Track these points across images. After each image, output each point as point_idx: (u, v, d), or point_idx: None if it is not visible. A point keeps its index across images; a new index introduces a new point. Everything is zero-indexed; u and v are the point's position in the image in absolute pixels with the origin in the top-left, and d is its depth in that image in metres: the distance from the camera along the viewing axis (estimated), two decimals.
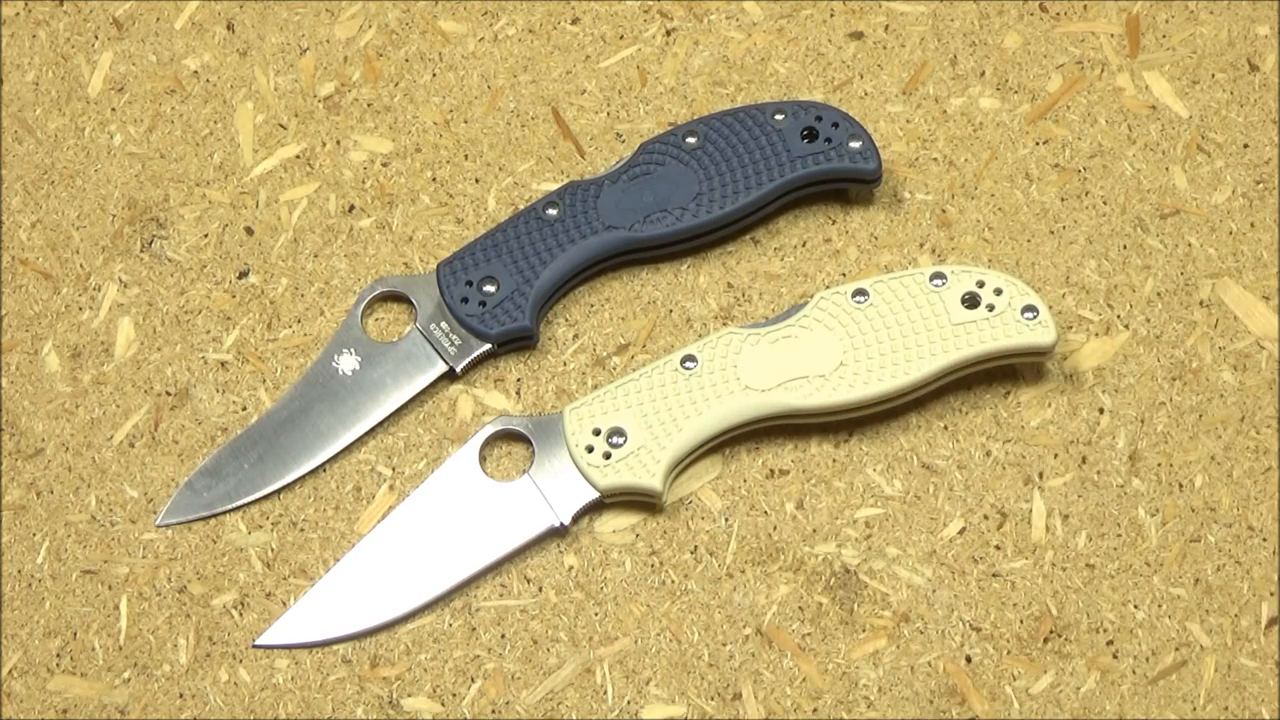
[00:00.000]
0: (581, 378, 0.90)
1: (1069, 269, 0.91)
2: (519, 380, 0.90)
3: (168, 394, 0.90)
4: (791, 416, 0.87)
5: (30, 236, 0.94)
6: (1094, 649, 0.84)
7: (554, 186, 0.94)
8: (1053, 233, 0.92)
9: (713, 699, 0.83)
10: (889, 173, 0.94)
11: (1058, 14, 0.98)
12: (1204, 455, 0.87)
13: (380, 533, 0.86)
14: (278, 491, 0.88)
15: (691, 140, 0.92)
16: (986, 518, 0.86)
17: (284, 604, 0.85)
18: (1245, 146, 0.94)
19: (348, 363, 0.90)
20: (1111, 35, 0.97)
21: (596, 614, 0.85)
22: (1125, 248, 0.92)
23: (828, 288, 0.90)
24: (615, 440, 0.86)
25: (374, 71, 0.98)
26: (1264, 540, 0.85)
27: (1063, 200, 0.93)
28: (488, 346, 0.90)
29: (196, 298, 0.92)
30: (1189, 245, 0.92)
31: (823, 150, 0.92)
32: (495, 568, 0.86)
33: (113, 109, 0.98)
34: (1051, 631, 0.84)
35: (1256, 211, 0.93)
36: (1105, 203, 0.93)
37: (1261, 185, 0.93)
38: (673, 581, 0.85)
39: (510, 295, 0.90)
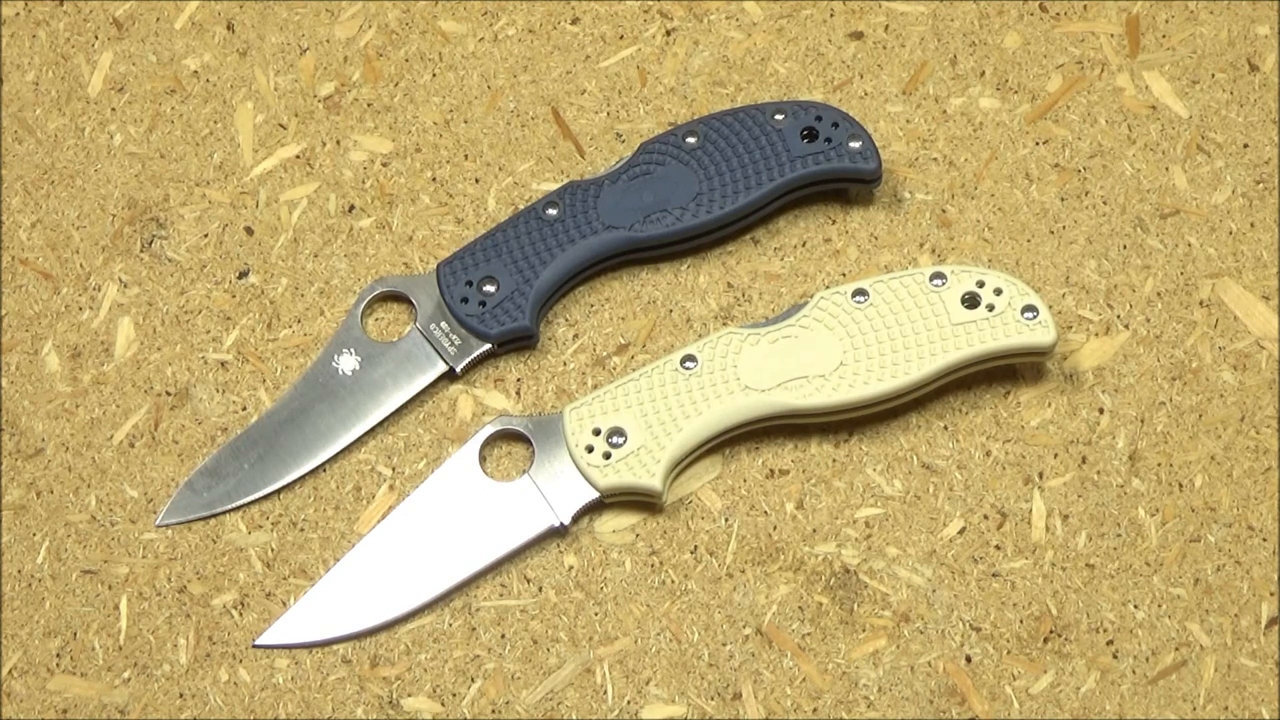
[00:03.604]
0: (581, 378, 0.90)
1: (1069, 269, 0.91)
2: (519, 380, 0.90)
3: (168, 394, 0.90)
4: (791, 416, 0.87)
5: (30, 236, 0.94)
6: (1094, 649, 0.84)
7: (554, 186, 0.94)
8: (1053, 233, 0.92)
9: (713, 699, 0.83)
10: (889, 173, 0.94)
11: (1058, 14, 0.98)
12: (1204, 455, 0.87)
13: (380, 533, 0.86)
14: (278, 491, 0.88)
15: (691, 140, 0.92)
16: (986, 518, 0.86)
17: (284, 604, 0.85)
18: (1245, 146, 0.94)
19: (348, 363, 0.90)
20: (1111, 35, 0.97)
21: (596, 614, 0.85)
22: (1125, 248, 0.92)
23: (828, 288, 0.90)
24: (615, 440, 0.86)
25: (374, 71, 0.98)
26: (1264, 540, 0.85)
27: (1063, 200, 0.93)
28: (488, 346, 0.90)
29: (196, 298, 0.92)
30: (1189, 245, 0.92)
31: (823, 150, 0.92)
32: (495, 568, 0.86)
33: (113, 109, 0.98)
34: (1051, 631, 0.84)
35: (1256, 211, 0.93)
36: (1105, 203, 0.93)
37: (1261, 185, 0.93)
38: (673, 581, 0.85)
39: (510, 295, 0.90)
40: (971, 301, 0.87)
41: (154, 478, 0.88)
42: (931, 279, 0.87)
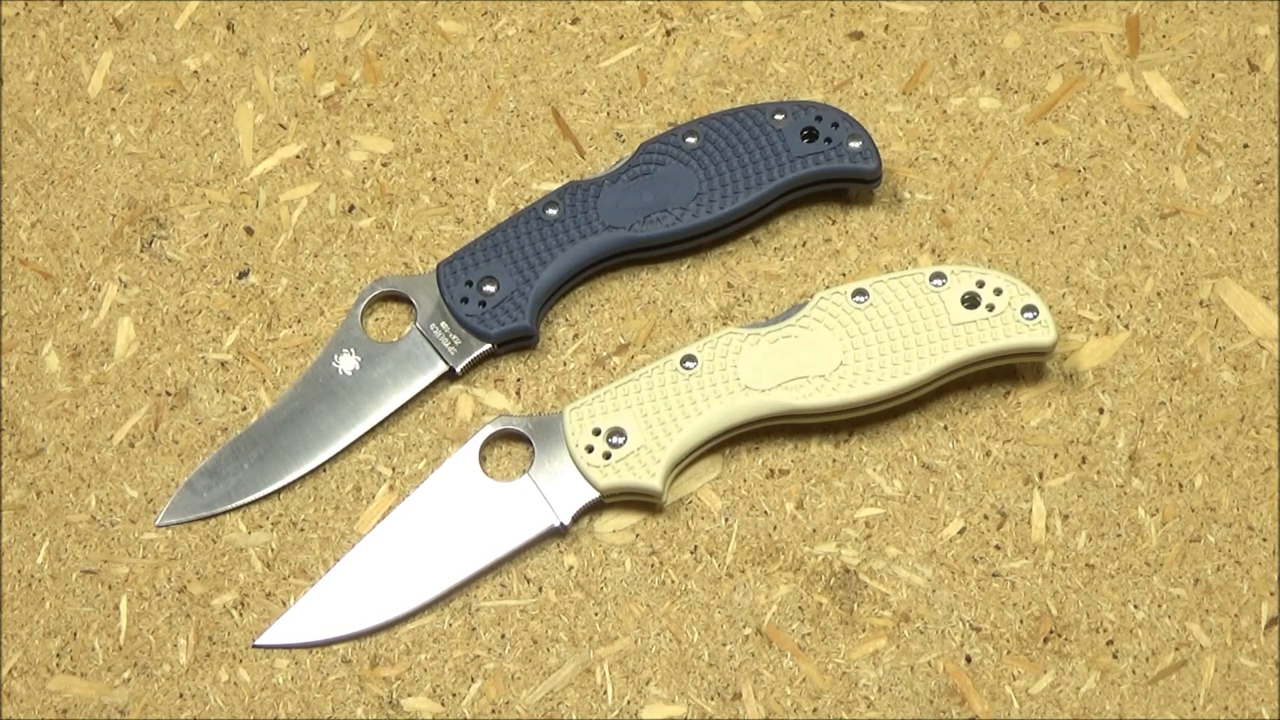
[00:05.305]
0: (581, 378, 0.90)
1: (1069, 269, 0.91)
2: (519, 380, 0.90)
3: (168, 394, 0.90)
4: (791, 416, 0.87)
5: (30, 236, 0.94)
6: (1094, 649, 0.84)
7: (554, 186, 0.94)
8: (1053, 233, 0.92)
9: (713, 699, 0.83)
10: (889, 173, 0.94)
11: (1058, 14, 0.98)
12: (1204, 455, 0.87)
13: (380, 533, 0.86)
14: (278, 491, 0.88)
15: (691, 140, 0.92)
16: (986, 518, 0.86)
17: (284, 604, 0.85)
18: (1245, 146, 0.94)
19: (348, 363, 0.90)
20: (1111, 35, 0.97)
21: (596, 614, 0.85)
22: (1125, 248, 0.92)
23: (828, 288, 0.90)
24: (615, 440, 0.86)
25: (374, 71, 0.98)
26: (1264, 540, 0.85)
27: (1063, 200, 0.93)
28: (488, 346, 0.90)
29: (196, 298, 0.92)
30: (1189, 245, 0.92)
31: (823, 150, 0.92)
32: (495, 568, 0.86)
33: (113, 109, 0.98)
34: (1051, 631, 0.84)
35: (1256, 211, 0.93)
36: (1105, 203, 0.93)
37: (1261, 185, 0.93)
38: (673, 581, 0.85)
39: (510, 295, 0.90)
40: (971, 301, 0.87)
41: (154, 478, 0.88)
42: (931, 279, 0.87)
